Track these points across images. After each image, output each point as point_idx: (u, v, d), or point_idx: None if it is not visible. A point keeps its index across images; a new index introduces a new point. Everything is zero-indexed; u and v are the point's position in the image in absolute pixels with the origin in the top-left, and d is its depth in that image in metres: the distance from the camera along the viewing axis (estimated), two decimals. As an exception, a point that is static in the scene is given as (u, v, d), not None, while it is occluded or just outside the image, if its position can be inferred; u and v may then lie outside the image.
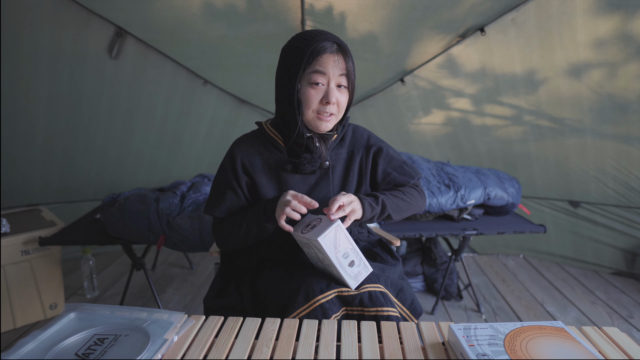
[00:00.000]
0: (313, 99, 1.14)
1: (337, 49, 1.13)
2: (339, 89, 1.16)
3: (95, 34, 2.35)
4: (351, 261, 1.09)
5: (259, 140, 1.29)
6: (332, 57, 1.12)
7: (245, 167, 1.25)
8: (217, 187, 1.29)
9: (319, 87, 1.14)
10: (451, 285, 2.60)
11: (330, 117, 1.17)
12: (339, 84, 1.15)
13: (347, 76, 1.15)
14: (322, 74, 1.12)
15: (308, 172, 1.25)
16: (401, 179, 1.34)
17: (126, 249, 2.15)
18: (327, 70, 1.12)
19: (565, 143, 2.74)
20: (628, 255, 2.88)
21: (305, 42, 1.12)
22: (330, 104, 1.15)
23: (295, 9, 2.27)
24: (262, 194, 1.25)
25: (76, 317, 0.95)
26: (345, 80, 1.16)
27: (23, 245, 2.14)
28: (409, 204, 1.31)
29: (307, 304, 1.04)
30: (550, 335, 0.84)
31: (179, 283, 2.81)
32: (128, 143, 2.94)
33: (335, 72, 1.13)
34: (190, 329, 0.93)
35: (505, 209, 2.45)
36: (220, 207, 1.26)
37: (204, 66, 2.72)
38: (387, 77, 2.85)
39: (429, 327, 0.95)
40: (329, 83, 1.14)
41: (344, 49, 1.14)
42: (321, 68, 1.12)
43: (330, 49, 1.12)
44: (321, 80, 1.13)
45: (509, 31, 2.35)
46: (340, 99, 1.17)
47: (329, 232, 1.05)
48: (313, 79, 1.13)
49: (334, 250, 1.06)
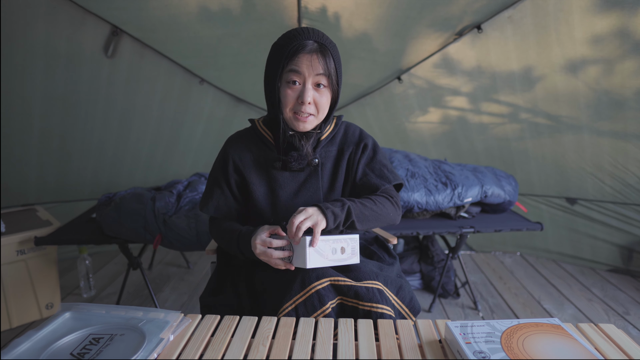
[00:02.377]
0: (289, 98, 1.14)
1: (316, 48, 1.11)
2: (317, 88, 1.14)
3: (91, 32, 2.33)
4: (341, 248, 1.10)
5: (250, 137, 1.31)
6: (308, 57, 1.10)
7: (237, 165, 1.27)
8: (208, 184, 1.33)
9: (295, 87, 1.13)
10: (448, 283, 2.60)
11: (308, 117, 1.16)
12: (318, 83, 1.14)
13: (326, 75, 1.13)
14: (297, 73, 1.12)
15: (296, 170, 1.26)
16: (376, 181, 1.29)
17: (122, 248, 2.15)
18: (302, 69, 1.11)
19: (562, 140, 2.74)
20: (624, 252, 2.89)
21: (287, 40, 1.12)
22: (305, 104, 1.14)
23: (292, 7, 2.26)
24: (253, 190, 1.27)
25: (71, 316, 0.95)
26: (324, 79, 1.13)
27: (19, 245, 2.13)
28: (378, 214, 1.22)
29: (303, 291, 1.05)
30: (547, 333, 0.84)
31: (175, 282, 2.80)
32: (124, 142, 2.93)
33: (310, 71, 1.11)
34: (186, 328, 0.93)
35: (502, 206, 2.46)
36: (209, 205, 1.30)
37: (200, 65, 2.71)
38: (383, 76, 2.84)
39: (425, 325, 0.95)
40: (305, 82, 1.12)
41: (325, 47, 1.12)
42: (296, 67, 1.11)
43: (309, 48, 1.10)
44: (297, 79, 1.12)
45: (505, 29, 2.35)
46: (319, 99, 1.15)
47: (308, 256, 1.04)
48: (289, 78, 1.13)
49: (323, 259, 1.06)
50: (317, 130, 1.24)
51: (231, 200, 1.30)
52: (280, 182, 1.26)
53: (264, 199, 1.27)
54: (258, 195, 1.27)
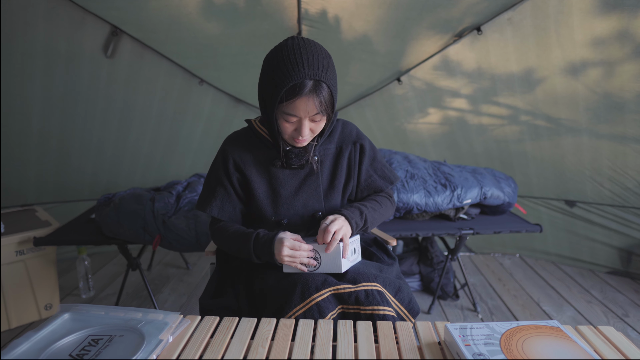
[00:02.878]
0: (287, 129, 1.16)
1: (311, 89, 1.08)
2: (313, 121, 1.15)
3: (91, 33, 2.33)
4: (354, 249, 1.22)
5: (249, 137, 1.32)
6: (305, 100, 1.08)
7: (237, 163, 1.28)
8: (209, 183, 1.32)
9: (293, 120, 1.14)
10: (447, 285, 2.60)
11: (305, 140, 1.19)
12: (314, 119, 1.14)
13: (321, 112, 1.12)
14: (295, 116, 1.12)
15: (296, 167, 1.28)
16: (381, 184, 1.39)
17: (122, 249, 2.15)
18: (299, 113, 1.11)
19: (562, 143, 2.74)
20: (624, 255, 2.89)
21: (283, 78, 1.07)
22: (302, 137, 1.16)
23: (292, 8, 2.26)
24: (254, 188, 1.27)
25: (70, 317, 0.95)
26: (319, 115, 1.13)
27: (18, 245, 2.13)
28: (382, 215, 1.35)
29: (303, 303, 1.05)
30: (546, 335, 0.84)
31: (175, 283, 2.80)
32: (124, 142, 2.92)
33: (306, 114, 1.11)
34: (185, 329, 0.93)
35: (501, 208, 2.46)
36: (212, 204, 1.29)
37: (200, 65, 2.71)
38: (383, 77, 2.84)
39: (425, 327, 0.95)
40: (302, 121, 1.13)
41: (319, 83, 1.09)
42: (293, 112, 1.11)
43: (305, 90, 1.07)
44: (294, 119, 1.14)
45: (505, 30, 2.35)
46: (315, 127, 1.17)
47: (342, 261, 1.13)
48: (286, 118, 1.13)
49: (348, 262, 1.16)
50: (314, 143, 1.26)
51: (235, 200, 1.30)
52: (281, 180, 1.28)
53: (265, 197, 1.28)
54: (259, 193, 1.28)
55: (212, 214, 1.29)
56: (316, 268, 1.15)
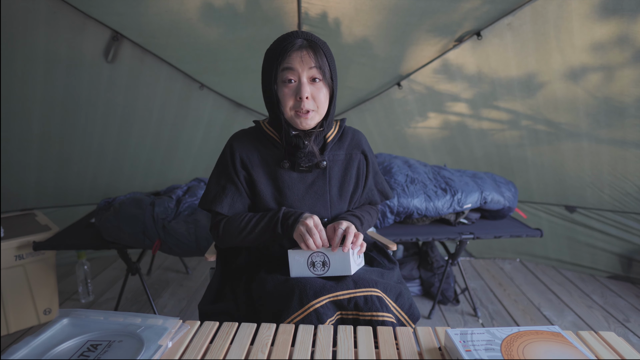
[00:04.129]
0: (287, 96, 1.17)
1: (305, 45, 1.16)
2: (313, 82, 1.17)
3: (91, 38, 2.34)
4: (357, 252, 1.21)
5: (256, 136, 1.31)
6: (298, 53, 1.14)
7: (244, 161, 1.27)
8: (218, 180, 1.30)
9: (291, 85, 1.16)
10: (448, 290, 2.59)
11: (308, 113, 1.18)
12: (313, 77, 1.16)
13: (319, 69, 1.16)
14: (291, 70, 1.14)
15: (305, 170, 1.27)
16: (378, 198, 1.45)
17: (121, 253, 2.14)
18: (295, 65, 1.14)
19: (562, 148, 2.74)
20: (624, 260, 2.88)
21: (278, 42, 1.18)
22: (303, 100, 1.16)
23: (292, 13, 2.27)
24: (260, 190, 1.26)
25: (69, 322, 0.94)
26: (318, 72, 1.16)
27: (17, 249, 2.13)
28: (370, 225, 1.41)
29: (301, 309, 1.04)
30: (547, 340, 0.83)
31: (174, 288, 2.79)
32: (124, 147, 2.93)
33: (303, 66, 1.14)
34: (185, 335, 0.92)
35: (501, 212, 2.45)
36: (222, 201, 1.26)
37: (200, 70, 2.71)
38: (383, 81, 2.85)
39: (425, 332, 0.94)
40: (300, 78, 1.15)
41: (314, 44, 1.16)
42: (288, 65, 1.14)
43: (298, 44, 1.15)
44: (292, 77, 1.15)
45: (505, 35, 2.36)
46: (316, 94, 1.17)
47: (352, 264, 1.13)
48: (284, 77, 1.16)
49: (356, 265, 1.17)
50: (319, 129, 1.25)
51: (245, 197, 1.29)
52: (288, 183, 1.27)
53: (271, 199, 1.27)
54: (265, 194, 1.27)
55: (222, 211, 1.26)
56: (325, 272, 1.15)
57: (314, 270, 1.15)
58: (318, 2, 2.18)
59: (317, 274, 1.15)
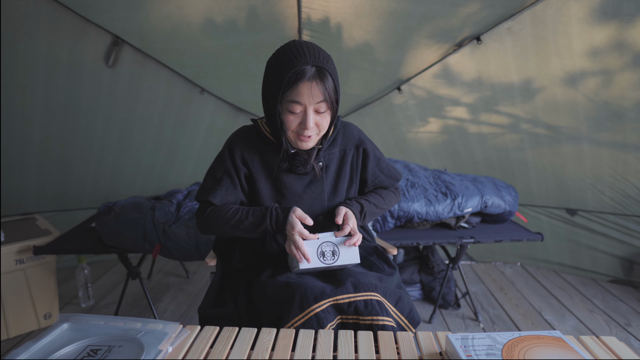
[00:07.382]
0: (292, 123, 1.17)
1: (314, 74, 1.11)
2: (318, 112, 1.16)
3: (92, 42, 2.35)
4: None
5: (255, 137, 1.33)
6: (308, 85, 1.11)
7: (245, 159, 1.29)
8: (214, 174, 1.31)
9: (297, 114, 1.15)
10: (449, 294, 2.59)
11: (310, 137, 1.20)
12: (317, 110, 1.16)
13: (326, 101, 1.14)
14: (299, 103, 1.13)
15: (301, 173, 1.29)
16: (388, 182, 1.45)
17: (122, 257, 2.14)
18: (303, 100, 1.12)
19: (562, 151, 2.74)
20: (625, 263, 2.88)
21: (285, 65, 1.11)
22: (307, 129, 1.16)
23: (292, 17, 2.27)
24: (259, 189, 1.28)
25: (69, 327, 0.94)
26: (324, 105, 1.15)
27: (17, 254, 2.13)
28: (383, 209, 1.42)
29: (302, 314, 1.04)
30: (548, 345, 0.83)
31: (174, 292, 2.79)
32: (124, 151, 2.93)
33: (311, 100, 1.13)
34: (185, 340, 0.92)
35: (502, 216, 2.45)
36: (216, 192, 1.27)
37: (200, 75, 2.72)
38: (383, 86, 2.85)
39: (426, 337, 0.94)
40: (306, 110, 1.14)
41: (323, 71, 1.12)
42: (297, 99, 1.12)
43: (308, 74, 1.10)
44: (298, 108, 1.14)
45: (505, 40, 2.36)
46: (320, 122, 1.18)
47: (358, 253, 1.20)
48: (290, 107, 1.14)
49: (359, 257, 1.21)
50: (319, 146, 1.27)
51: (240, 193, 1.30)
52: (287, 184, 1.29)
53: (270, 198, 1.30)
54: (264, 194, 1.29)
55: (213, 200, 1.27)
56: (335, 261, 1.17)
57: (324, 260, 1.17)
58: (318, 7, 2.18)
59: (327, 263, 1.16)
